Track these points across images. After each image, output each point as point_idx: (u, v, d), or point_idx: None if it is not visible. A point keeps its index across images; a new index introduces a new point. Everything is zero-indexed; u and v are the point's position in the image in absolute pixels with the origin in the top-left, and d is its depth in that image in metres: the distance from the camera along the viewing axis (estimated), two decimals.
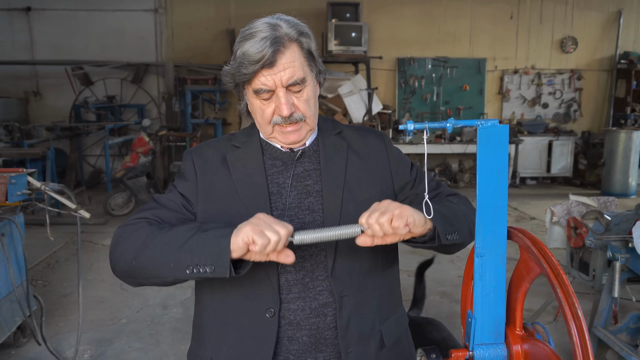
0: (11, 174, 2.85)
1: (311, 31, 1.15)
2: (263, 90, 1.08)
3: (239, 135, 1.25)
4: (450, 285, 4.17)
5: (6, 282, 2.88)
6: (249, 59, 1.05)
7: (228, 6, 8.59)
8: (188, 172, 1.20)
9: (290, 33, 1.08)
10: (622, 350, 2.46)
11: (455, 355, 1.07)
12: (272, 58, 1.05)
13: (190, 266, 0.98)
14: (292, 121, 1.12)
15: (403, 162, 1.28)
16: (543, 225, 5.30)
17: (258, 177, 1.16)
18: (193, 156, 1.22)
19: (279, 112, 1.10)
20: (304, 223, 1.15)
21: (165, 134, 7.40)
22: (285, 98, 1.08)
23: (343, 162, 1.20)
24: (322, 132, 1.23)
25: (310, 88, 1.14)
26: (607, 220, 2.71)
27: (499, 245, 1.02)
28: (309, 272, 1.14)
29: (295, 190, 1.17)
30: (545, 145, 8.79)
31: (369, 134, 1.29)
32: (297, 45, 1.09)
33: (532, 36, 9.16)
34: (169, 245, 1.01)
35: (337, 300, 1.13)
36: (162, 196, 1.20)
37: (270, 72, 1.07)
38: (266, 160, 1.19)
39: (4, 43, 8.23)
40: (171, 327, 3.46)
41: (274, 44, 1.04)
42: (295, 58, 1.08)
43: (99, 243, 5.36)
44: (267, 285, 1.12)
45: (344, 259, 1.15)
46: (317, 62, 1.17)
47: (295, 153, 1.19)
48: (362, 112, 7.98)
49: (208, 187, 1.17)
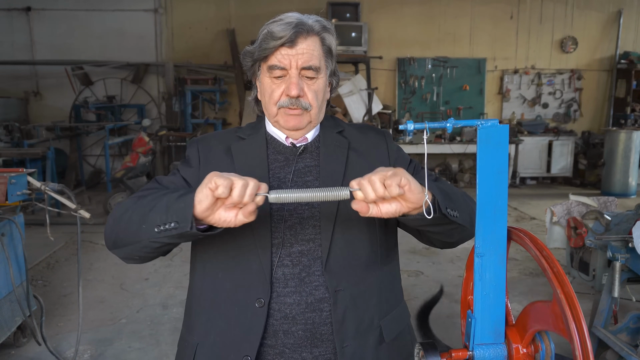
0: (11, 174, 2.85)
1: (335, 31, 1.20)
2: (277, 67, 1.12)
3: (245, 127, 1.28)
4: (450, 285, 4.17)
5: (6, 282, 2.88)
6: (272, 35, 1.10)
7: (228, 6, 8.60)
8: (192, 158, 1.23)
9: (314, 26, 1.14)
10: (622, 350, 2.46)
11: (455, 355, 1.07)
12: (293, 37, 1.10)
13: (158, 225, 0.98)
14: (297, 105, 1.14)
15: (401, 157, 1.29)
16: (543, 225, 5.30)
17: (260, 169, 1.18)
18: (198, 144, 1.24)
19: (287, 92, 1.13)
20: (303, 218, 1.16)
21: (165, 134, 7.40)
22: (296, 79, 1.12)
23: (343, 160, 1.21)
24: (324, 129, 1.25)
25: (322, 81, 1.17)
26: (607, 220, 2.71)
27: (499, 245, 1.02)
28: (306, 266, 1.14)
29: (295, 185, 1.18)
30: (545, 145, 8.79)
31: (370, 131, 1.31)
32: (318, 39, 1.15)
33: (532, 36, 9.16)
34: (144, 207, 1.03)
35: (332, 295, 1.13)
36: (164, 177, 1.22)
37: (288, 52, 1.11)
38: (270, 154, 1.21)
39: (4, 43, 8.23)
40: (171, 327, 3.46)
41: (297, 27, 1.10)
42: (315, 48, 1.14)
43: (99, 243, 5.36)
44: (260, 275, 1.13)
45: (340, 253, 1.15)
46: (334, 62, 1.21)
47: (297, 148, 1.21)
48: (362, 112, 7.98)
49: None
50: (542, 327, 1.00)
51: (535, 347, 1.04)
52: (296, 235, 1.15)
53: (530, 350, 1.04)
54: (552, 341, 1.01)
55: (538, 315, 1.01)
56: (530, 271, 4.49)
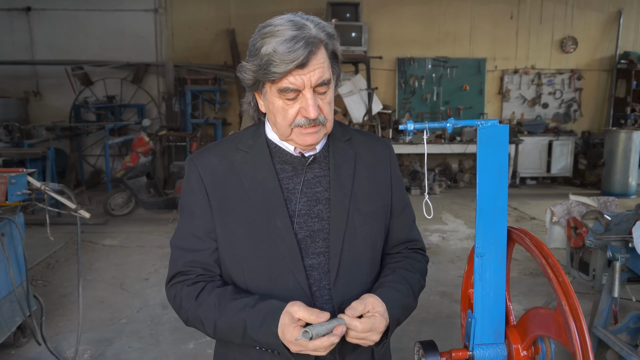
0: (11, 174, 2.85)
1: (336, 31, 1.13)
2: (290, 89, 1.05)
3: (243, 137, 1.20)
4: (450, 285, 4.17)
5: (6, 282, 2.88)
6: (281, 57, 1.01)
7: (228, 6, 8.59)
8: (195, 185, 1.17)
9: (319, 35, 1.06)
10: (622, 350, 2.46)
11: (455, 355, 1.07)
12: (306, 59, 1.02)
13: (260, 347, 1.11)
14: (315, 123, 1.09)
15: (398, 185, 1.27)
16: (543, 225, 5.30)
17: (270, 181, 1.14)
18: (198, 168, 1.17)
19: (305, 114, 1.07)
20: (313, 231, 1.14)
21: (165, 134, 7.40)
22: (313, 100, 1.06)
23: (351, 172, 1.18)
24: (332, 137, 1.21)
25: (332, 91, 1.12)
26: (607, 220, 2.71)
27: (499, 245, 1.02)
28: (316, 280, 1.14)
29: (305, 196, 1.15)
30: (545, 145, 8.79)
31: (377, 144, 1.26)
32: (324, 47, 1.08)
33: (532, 36, 9.16)
34: (236, 330, 1.10)
35: (337, 311, 1.12)
36: (182, 239, 1.18)
37: (300, 73, 1.04)
38: (276, 164, 1.16)
39: (4, 43, 8.23)
40: (171, 327, 3.46)
41: (309, 45, 1.02)
42: (324, 59, 1.07)
43: (99, 243, 5.36)
44: (299, 292, 1.13)
45: (347, 268, 1.15)
46: (339, 64, 1.15)
47: (306, 158, 1.16)
48: (362, 112, 7.98)
49: (220, 201, 1.15)
50: (544, 333, 1.00)
51: (536, 349, 1.04)
52: (307, 249, 1.14)
53: (530, 352, 1.04)
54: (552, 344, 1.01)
55: (541, 322, 1.01)
56: (530, 271, 4.49)
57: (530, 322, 1.03)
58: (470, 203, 7.16)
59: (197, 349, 3.19)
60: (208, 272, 1.16)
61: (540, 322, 1.00)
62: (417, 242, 1.30)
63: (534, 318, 1.03)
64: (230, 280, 1.17)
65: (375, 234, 1.19)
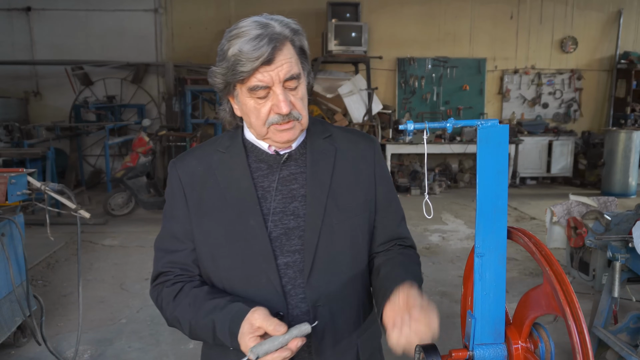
0: (11, 174, 2.85)
1: (301, 27, 1.13)
2: (259, 87, 1.06)
3: (223, 138, 1.22)
4: (450, 285, 4.17)
5: (6, 282, 2.88)
6: (247, 56, 1.02)
7: (228, 6, 8.60)
8: (175, 187, 1.20)
9: (284, 32, 1.07)
10: (622, 350, 2.46)
11: (455, 355, 1.07)
12: (271, 55, 1.03)
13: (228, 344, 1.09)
14: (289, 119, 1.09)
15: (384, 180, 1.25)
16: (543, 225, 5.30)
17: (244, 180, 1.15)
18: (178, 170, 1.20)
19: (277, 110, 1.07)
20: (288, 229, 1.13)
21: (165, 134, 7.40)
22: (283, 95, 1.06)
23: (330, 168, 1.17)
24: (310, 134, 1.20)
25: (304, 85, 1.12)
26: (607, 220, 2.71)
27: (499, 245, 1.02)
28: (291, 279, 1.13)
29: (280, 194, 1.15)
30: (545, 145, 8.79)
31: (360, 140, 1.25)
32: (290, 44, 1.08)
33: (532, 36, 9.16)
34: (205, 329, 1.11)
35: (312, 310, 1.12)
36: (162, 240, 1.21)
37: (268, 69, 1.04)
38: (251, 163, 1.17)
39: (4, 43, 8.23)
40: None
41: (272, 41, 1.03)
42: (291, 55, 1.07)
43: (99, 243, 5.36)
44: (271, 291, 1.12)
45: (323, 266, 1.13)
46: (308, 60, 1.15)
47: (281, 156, 1.16)
48: (362, 112, 7.99)
49: (198, 202, 1.16)
50: (536, 312, 1.00)
51: (534, 342, 1.04)
52: (281, 247, 1.13)
53: (529, 344, 1.05)
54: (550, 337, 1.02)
55: (532, 303, 1.02)
56: (530, 271, 4.49)
57: (523, 308, 1.05)
58: (470, 203, 7.17)
59: (197, 349, 3.19)
60: (187, 272, 1.18)
61: (531, 302, 1.03)
62: (406, 239, 1.28)
63: (525, 302, 1.05)
64: (209, 280, 1.18)
65: (356, 230, 1.17)
